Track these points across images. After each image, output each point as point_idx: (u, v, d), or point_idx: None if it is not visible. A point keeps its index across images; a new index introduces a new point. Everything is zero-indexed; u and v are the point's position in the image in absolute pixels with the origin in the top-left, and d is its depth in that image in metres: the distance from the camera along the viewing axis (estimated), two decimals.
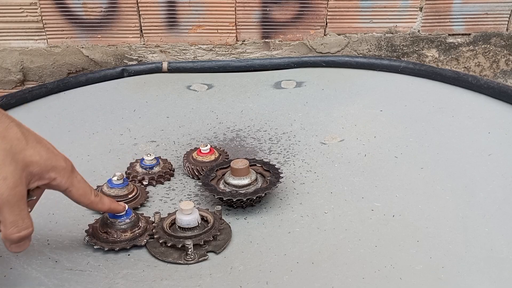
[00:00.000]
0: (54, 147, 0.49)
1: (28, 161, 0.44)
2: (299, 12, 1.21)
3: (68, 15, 1.17)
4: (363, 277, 0.52)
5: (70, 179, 0.49)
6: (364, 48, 1.26)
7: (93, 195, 0.52)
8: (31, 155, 0.45)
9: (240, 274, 0.53)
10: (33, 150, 0.45)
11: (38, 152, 0.45)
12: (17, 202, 0.43)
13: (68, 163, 0.49)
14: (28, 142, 0.45)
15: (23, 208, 0.44)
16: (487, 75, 1.31)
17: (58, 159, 0.48)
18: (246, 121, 0.91)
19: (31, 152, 0.45)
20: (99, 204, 0.53)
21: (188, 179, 0.72)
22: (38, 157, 0.45)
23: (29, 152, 0.44)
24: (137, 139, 0.85)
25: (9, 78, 1.22)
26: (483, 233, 0.58)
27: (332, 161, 0.76)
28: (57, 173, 0.47)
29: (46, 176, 0.46)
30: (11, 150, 0.43)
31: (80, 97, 1.04)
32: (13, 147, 0.43)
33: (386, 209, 0.63)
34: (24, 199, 0.44)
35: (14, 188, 0.42)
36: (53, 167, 0.47)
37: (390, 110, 0.93)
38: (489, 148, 0.78)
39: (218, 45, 1.23)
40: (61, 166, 0.47)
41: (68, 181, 0.48)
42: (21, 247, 0.47)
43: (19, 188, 0.43)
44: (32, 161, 0.45)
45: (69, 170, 0.49)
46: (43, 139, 0.48)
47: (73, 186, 0.49)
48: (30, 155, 0.45)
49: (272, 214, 0.63)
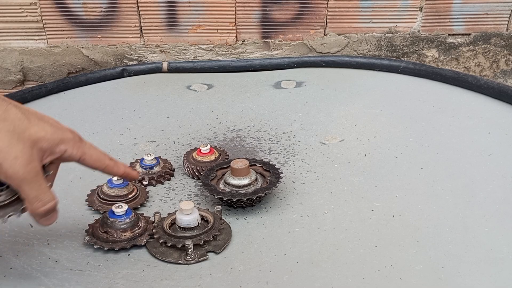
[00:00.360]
0: (58, 122, 0.49)
1: (34, 138, 0.45)
2: (299, 12, 1.21)
3: (68, 15, 1.17)
4: (363, 277, 0.52)
5: (81, 148, 0.49)
6: (364, 48, 1.26)
7: (108, 159, 0.53)
8: (36, 131, 0.45)
9: (240, 274, 0.53)
10: (37, 127, 0.45)
11: (43, 128, 0.46)
12: (34, 178, 0.44)
13: (74, 133, 0.49)
14: (31, 120, 0.45)
15: (42, 183, 0.45)
16: (487, 75, 1.31)
17: (64, 132, 0.48)
18: (246, 121, 0.91)
19: (35, 129, 0.45)
20: (115, 167, 0.53)
21: (188, 179, 0.72)
22: (43, 132, 0.46)
23: (33, 130, 0.45)
24: (137, 139, 0.85)
25: (9, 78, 1.22)
26: (483, 233, 0.58)
27: (332, 161, 0.76)
28: (67, 145, 0.48)
29: (57, 149, 0.47)
30: (15, 131, 0.43)
31: (80, 97, 1.04)
32: (16, 127, 0.43)
33: (386, 209, 0.63)
34: (40, 174, 0.45)
35: (27, 165, 0.43)
36: (61, 140, 0.47)
37: (390, 110, 0.93)
38: (489, 148, 0.78)
39: (218, 45, 1.23)
40: (68, 137, 0.48)
41: (79, 150, 0.49)
42: (50, 220, 0.48)
43: (32, 165, 0.44)
44: (39, 137, 0.45)
45: (77, 140, 0.49)
46: (45, 116, 0.48)
47: (85, 154, 0.50)
48: (36, 132, 0.45)
49: (272, 214, 0.63)
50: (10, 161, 0.42)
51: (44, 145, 0.45)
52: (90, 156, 0.50)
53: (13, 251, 0.56)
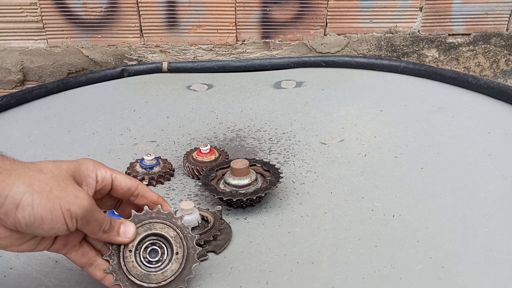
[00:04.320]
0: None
1: (71, 173, 0.44)
2: (299, 12, 1.21)
3: (68, 15, 1.17)
4: (363, 277, 0.52)
5: (107, 168, 0.48)
6: (364, 48, 1.26)
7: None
8: (68, 167, 0.44)
9: (240, 274, 0.53)
10: (64, 164, 0.44)
11: (69, 164, 0.45)
12: (95, 207, 0.44)
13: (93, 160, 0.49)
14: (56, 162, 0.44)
15: (98, 208, 0.44)
16: (487, 75, 1.31)
17: (84, 161, 0.47)
18: (246, 121, 0.91)
19: (65, 166, 0.44)
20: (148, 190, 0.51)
21: (188, 179, 0.72)
22: (73, 166, 0.45)
23: (64, 166, 0.44)
24: (137, 139, 0.85)
25: (9, 78, 1.22)
26: (483, 233, 0.58)
27: (332, 161, 0.76)
28: (95, 169, 0.47)
29: (89, 179, 0.46)
30: (56, 175, 0.42)
31: (80, 97, 1.04)
32: (54, 171, 0.43)
33: (386, 209, 0.63)
34: (94, 201, 0.44)
35: (89, 199, 0.43)
36: (86, 167, 0.46)
37: (390, 110, 0.93)
38: (489, 148, 0.78)
39: (218, 45, 1.23)
40: (91, 162, 0.47)
41: (106, 169, 0.48)
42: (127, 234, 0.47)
43: (90, 197, 0.43)
44: (74, 171, 0.44)
45: (100, 163, 0.48)
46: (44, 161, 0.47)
47: (113, 171, 0.48)
48: (68, 167, 0.44)
49: (272, 214, 0.63)
50: (75, 202, 0.41)
51: (77, 177, 0.45)
52: (119, 174, 0.49)
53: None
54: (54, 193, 0.40)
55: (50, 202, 0.40)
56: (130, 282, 0.46)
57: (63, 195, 0.41)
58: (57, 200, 0.40)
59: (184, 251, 0.48)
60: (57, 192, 0.41)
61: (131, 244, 0.47)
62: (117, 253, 0.46)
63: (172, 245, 0.47)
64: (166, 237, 0.48)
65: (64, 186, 0.41)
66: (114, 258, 0.46)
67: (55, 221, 0.40)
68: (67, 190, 0.41)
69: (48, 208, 0.40)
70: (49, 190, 0.40)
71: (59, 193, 0.41)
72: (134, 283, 0.46)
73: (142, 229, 0.47)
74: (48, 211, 0.40)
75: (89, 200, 0.43)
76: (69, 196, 0.41)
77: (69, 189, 0.42)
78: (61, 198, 0.40)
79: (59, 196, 0.40)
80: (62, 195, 0.41)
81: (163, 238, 0.48)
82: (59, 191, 0.41)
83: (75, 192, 0.42)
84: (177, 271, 0.47)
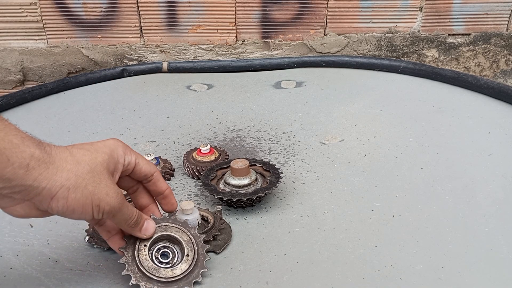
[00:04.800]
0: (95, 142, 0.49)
1: (105, 165, 0.46)
2: (299, 12, 1.21)
3: (68, 15, 1.17)
4: (363, 277, 0.52)
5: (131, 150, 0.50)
6: (364, 48, 1.26)
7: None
8: (102, 159, 0.46)
9: (240, 274, 0.53)
10: (98, 153, 0.46)
11: (102, 152, 0.46)
12: (124, 203, 0.47)
13: (117, 140, 0.50)
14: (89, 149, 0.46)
15: (127, 203, 0.47)
16: (487, 75, 1.31)
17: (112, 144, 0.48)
18: (246, 121, 0.91)
19: (100, 158, 0.46)
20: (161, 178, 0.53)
21: (188, 179, 0.72)
22: (106, 156, 0.46)
23: (100, 158, 0.45)
24: (137, 139, 0.85)
25: (9, 78, 1.22)
26: (483, 233, 0.58)
27: (332, 161, 0.76)
28: (122, 155, 0.48)
29: (119, 165, 0.48)
30: (91, 169, 0.44)
31: (80, 97, 1.04)
32: (90, 164, 0.44)
33: (386, 209, 0.63)
34: (124, 197, 0.47)
35: (118, 196, 0.46)
36: (117, 154, 0.48)
37: (390, 110, 0.93)
38: (489, 148, 0.78)
39: (218, 45, 1.23)
40: (118, 145, 0.48)
41: (131, 153, 0.50)
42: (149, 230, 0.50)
43: (120, 193, 0.46)
44: (106, 162, 0.46)
45: (123, 144, 0.50)
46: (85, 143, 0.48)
47: (137, 156, 0.50)
48: (103, 159, 0.46)
49: (272, 214, 0.63)
50: (105, 200, 0.44)
51: (111, 166, 0.47)
52: (142, 159, 0.51)
53: (13, 251, 0.56)
54: (89, 189, 0.43)
55: (84, 198, 0.43)
56: (141, 274, 0.48)
57: (96, 191, 0.44)
58: (90, 196, 0.43)
59: (195, 255, 0.51)
60: (91, 188, 0.43)
61: (147, 240, 0.50)
62: (133, 247, 0.49)
63: (184, 248, 0.50)
64: (179, 240, 0.51)
65: (98, 182, 0.44)
66: (129, 251, 0.49)
67: (84, 213, 0.44)
68: (100, 187, 0.44)
69: (81, 202, 0.43)
70: (84, 185, 0.43)
71: (92, 189, 0.43)
72: (145, 274, 0.48)
73: (159, 229, 0.51)
74: (81, 205, 0.43)
75: (118, 198, 0.45)
76: (101, 193, 0.44)
77: (102, 186, 0.44)
78: (93, 194, 0.43)
79: (93, 192, 0.43)
80: (95, 191, 0.44)
81: (176, 242, 0.51)
82: (93, 187, 0.44)
83: (106, 189, 0.44)
84: (186, 270, 0.50)
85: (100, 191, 0.44)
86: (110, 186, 0.45)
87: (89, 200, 0.43)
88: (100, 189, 0.44)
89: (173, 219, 0.52)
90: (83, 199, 0.43)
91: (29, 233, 0.59)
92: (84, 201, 0.43)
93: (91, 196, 0.43)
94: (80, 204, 0.43)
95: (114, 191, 0.45)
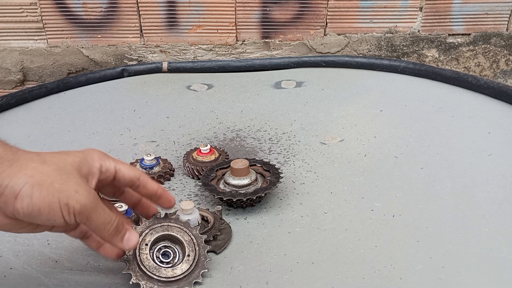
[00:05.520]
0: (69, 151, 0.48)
1: (76, 166, 0.44)
2: (299, 12, 1.21)
3: (68, 15, 1.17)
4: (363, 277, 0.52)
5: (111, 159, 0.48)
6: (364, 48, 1.26)
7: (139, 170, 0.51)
8: (73, 161, 0.44)
9: (240, 274, 0.53)
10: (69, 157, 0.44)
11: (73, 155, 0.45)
12: (97, 203, 0.43)
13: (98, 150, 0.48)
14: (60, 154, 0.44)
15: (103, 205, 0.44)
16: (487, 75, 1.31)
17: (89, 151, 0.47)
18: (246, 121, 0.91)
19: (70, 159, 0.44)
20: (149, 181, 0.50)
21: (188, 179, 0.72)
22: (77, 158, 0.44)
23: (69, 160, 0.44)
24: (137, 139, 0.85)
25: (9, 78, 1.22)
26: (483, 233, 0.58)
27: (332, 161, 0.76)
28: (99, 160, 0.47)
29: (94, 169, 0.46)
30: (59, 168, 0.42)
31: (80, 97, 1.04)
32: (59, 164, 0.42)
33: (386, 209, 0.63)
34: (99, 198, 0.44)
35: (89, 195, 0.42)
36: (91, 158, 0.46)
37: (390, 110, 0.93)
38: (489, 148, 0.78)
39: (218, 45, 1.23)
40: (96, 154, 0.47)
41: (111, 161, 0.47)
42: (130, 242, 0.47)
43: (92, 192, 0.43)
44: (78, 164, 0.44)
45: (104, 154, 0.48)
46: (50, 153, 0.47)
47: (117, 163, 0.48)
48: (73, 161, 0.44)
49: (272, 214, 0.63)
50: (74, 197, 0.41)
51: (84, 169, 0.44)
52: (123, 165, 0.48)
53: (13, 251, 0.56)
54: (55, 186, 0.40)
55: (49, 195, 0.40)
56: (141, 273, 0.48)
57: (63, 189, 0.41)
58: (56, 194, 0.40)
59: (196, 255, 0.51)
60: (58, 185, 0.40)
61: (148, 239, 0.50)
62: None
63: (185, 248, 0.50)
64: (180, 240, 0.51)
65: (66, 180, 0.41)
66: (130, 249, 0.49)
67: (52, 214, 0.40)
68: (68, 184, 0.41)
69: (46, 200, 0.40)
70: (50, 183, 0.40)
71: (59, 186, 0.40)
72: (145, 273, 0.48)
73: (161, 228, 0.50)
74: (46, 203, 0.40)
75: (89, 196, 0.42)
76: (69, 191, 0.41)
77: (71, 183, 0.41)
78: (60, 191, 0.40)
79: (59, 189, 0.40)
80: (63, 188, 0.41)
81: (178, 242, 0.51)
82: (60, 184, 0.41)
83: (76, 187, 0.41)
84: (186, 270, 0.50)
85: (68, 188, 0.41)
86: (80, 184, 0.42)
87: (56, 198, 0.40)
88: (68, 187, 0.41)
89: (175, 219, 0.52)
90: (49, 197, 0.40)
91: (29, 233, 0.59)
92: (50, 199, 0.40)
93: (58, 193, 0.40)
94: (46, 203, 0.40)
95: (85, 189, 0.42)
